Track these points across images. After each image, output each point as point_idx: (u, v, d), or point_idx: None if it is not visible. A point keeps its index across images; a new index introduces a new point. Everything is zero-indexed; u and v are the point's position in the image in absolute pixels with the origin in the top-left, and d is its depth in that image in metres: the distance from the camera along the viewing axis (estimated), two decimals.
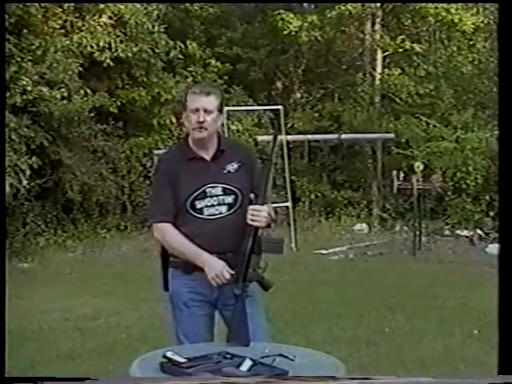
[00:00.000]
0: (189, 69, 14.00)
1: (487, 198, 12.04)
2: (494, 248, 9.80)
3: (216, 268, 2.98)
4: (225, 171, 3.11)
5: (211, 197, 3.07)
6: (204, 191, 3.06)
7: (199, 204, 3.06)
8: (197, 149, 3.11)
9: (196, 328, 3.10)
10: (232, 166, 3.12)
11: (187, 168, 3.09)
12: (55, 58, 10.96)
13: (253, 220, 2.93)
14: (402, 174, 10.99)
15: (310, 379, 2.35)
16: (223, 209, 3.08)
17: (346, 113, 14.62)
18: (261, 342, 2.88)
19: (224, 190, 3.09)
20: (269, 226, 3.03)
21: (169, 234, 3.10)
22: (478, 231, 11.47)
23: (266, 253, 2.99)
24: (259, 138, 12.30)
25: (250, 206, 2.95)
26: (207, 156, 3.12)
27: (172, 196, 3.07)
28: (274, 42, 15.71)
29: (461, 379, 3.19)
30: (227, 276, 2.97)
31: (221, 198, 3.08)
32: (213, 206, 3.07)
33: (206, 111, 3.04)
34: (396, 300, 7.01)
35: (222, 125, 3.26)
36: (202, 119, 3.03)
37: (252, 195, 2.99)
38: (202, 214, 3.06)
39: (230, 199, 3.09)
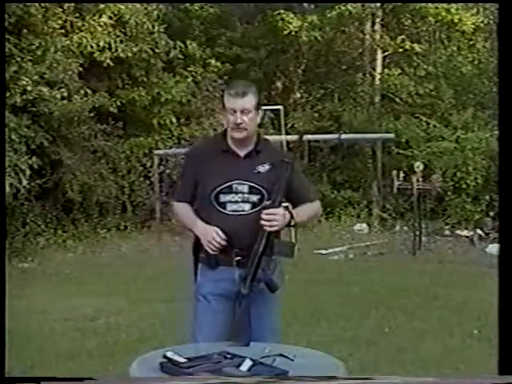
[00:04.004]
0: (189, 69, 13.99)
1: (487, 198, 12.04)
2: (493, 248, 9.80)
3: (207, 235, 3.01)
4: (255, 171, 3.09)
5: (236, 193, 3.07)
6: (230, 186, 3.06)
7: (223, 198, 3.06)
8: (233, 144, 3.12)
9: (214, 323, 3.08)
10: (263, 167, 3.10)
11: (218, 160, 3.11)
12: (55, 58, 10.96)
13: (268, 225, 2.93)
14: (402, 174, 11.00)
15: (309, 379, 2.35)
16: (246, 207, 3.07)
17: (345, 113, 14.62)
18: (266, 342, 2.87)
19: (251, 188, 3.07)
20: (289, 225, 3.03)
21: (178, 206, 3.20)
22: (478, 231, 11.47)
23: (276, 256, 2.99)
24: None
25: (264, 211, 2.94)
26: (241, 153, 3.12)
27: (193, 184, 3.13)
28: (274, 42, 15.71)
29: (461, 379, 3.19)
30: (218, 239, 2.99)
31: (246, 195, 3.07)
32: (236, 202, 3.06)
33: (243, 111, 3.03)
34: (396, 300, 7.01)
35: (263, 123, 3.27)
36: (239, 121, 3.03)
37: (267, 202, 2.98)
38: (224, 208, 3.06)
39: (255, 198, 3.07)
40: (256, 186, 3.07)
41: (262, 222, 2.93)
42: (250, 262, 2.95)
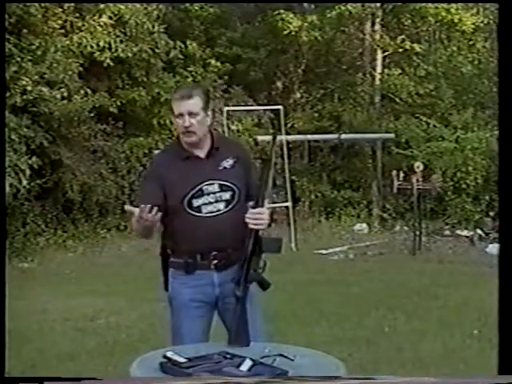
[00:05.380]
0: (189, 69, 14.00)
1: (487, 198, 12.04)
2: (494, 248, 9.80)
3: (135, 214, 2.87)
4: (220, 168, 3.10)
5: (208, 194, 3.07)
6: (201, 189, 3.06)
7: (196, 202, 3.05)
8: (190, 148, 3.11)
9: (193, 330, 3.09)
10: (227, 162, 3.11)
11: (181, 167, 3.09)
12: (55, 58, 10.96)
13: (255, 224, 2.92)
14: (402, 174, 11.00)
15: (310, 379, 2.35)
16: (221, 206, 3.08)
17: (345, 113, 14.62)
18: (259, 342, 2.88)
19: (221, 186, 3.08)
20: (269, 225, 3.03)
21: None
22: (478, 231, 11.47)
23: (264, 252, 2.99)
24: (259, 137, 12.31)
25: (251, 210, 2.94)
26: (202, 154, 3.11)
27: (154, 197, 2.99)
28: (274, 42, 15.70)
29: (462, 379, 3.19)
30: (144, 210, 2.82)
31: (218, 194, 3.08)
32: (210, 203, 3.07)
33: (190, 114, 3.02)
34: (396, 300, 7.01)
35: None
36: (187, 124, 3.02)
37: (251, 203, 2.97)
38: (199, 212, 3.06)
39: (227, 195, 3.08)
40: (225, 183, 3.08)
41: (248, 221, 2.92)
42: (240, 263, 2.93)
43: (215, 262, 3.06)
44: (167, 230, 3.14)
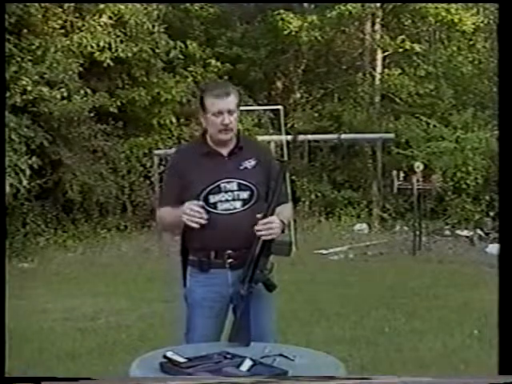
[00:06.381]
0: (189, 69, 14.01)
1: (487, 198, 12.04)
2: (493, 248, 9.80)
3: (185, 210, 2.95)
4: (241, 167, 3.09)
5: (226, 192, 3.05)
6: (218, 186, 3.05)
7: (213, 198, 3.04)
8: (215, 145, 3.11)
9: (205, 329, 3.08)
10: (249, 163, 3.10)
11: (202, 163, 3.09)
12: (55, 58, 10.97)
13: (266, 235, 2.91)
14: (402, 174, 11.00)
15: (310, 379, 2.35)
16: (238, 204, 3.06)
17: (345, 113, 14.63)
18: (265, 342, 2.88)
19: (239, 185, 3.07)
20: (282, 231, 3.01)
21: (161, 211, 3.16)
22: (478, 231, 11.47)
23: (273, 255, 2.98)
24: (259, 138, 12.30)
25: (260, 221, 2.91)
26: (224, 152, 3.11)
27: (178, 191, 3.07)
28: (274, 42, 15.72)
29: (461, 379, 3.19)
30: (196, 208, 2.93)
31: (236, 193, 3.06)
32: (227, 201, 3.05)
33: (229, 112, 3.03)
34: (396, 300, 7.01)
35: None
36: (227, 121, 3.02)
37: (259, 215, 2.95)
38: (215, 208, 3.04)
39: (245, 195, 3.07)
40: (244, 182, 3.07)
41: (259, 233, 2.91)
42: (247, 263, 2.94)
43: (230, 260, 3.05)
44: (185, 226, 3.12)
